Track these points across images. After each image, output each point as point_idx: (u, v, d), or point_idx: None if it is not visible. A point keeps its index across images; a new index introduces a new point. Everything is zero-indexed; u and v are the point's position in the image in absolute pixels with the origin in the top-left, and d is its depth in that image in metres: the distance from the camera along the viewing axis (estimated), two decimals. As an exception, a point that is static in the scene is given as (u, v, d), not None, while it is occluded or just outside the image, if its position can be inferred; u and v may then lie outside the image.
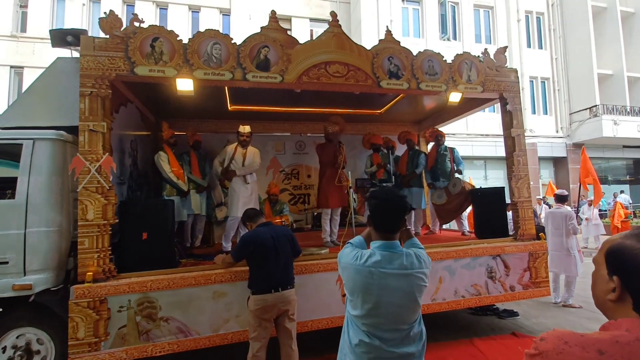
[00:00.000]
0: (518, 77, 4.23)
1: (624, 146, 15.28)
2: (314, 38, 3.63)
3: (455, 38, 14.12)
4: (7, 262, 2.70)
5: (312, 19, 13.68)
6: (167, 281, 2.90)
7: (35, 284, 2.72)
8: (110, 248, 2.87)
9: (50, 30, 3.68)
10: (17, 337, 2.80)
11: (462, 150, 5.98)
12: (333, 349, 1.46)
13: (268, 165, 5.96)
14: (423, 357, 1.42)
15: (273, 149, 6.03)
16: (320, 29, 3.67)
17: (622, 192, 14.21)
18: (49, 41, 3.64)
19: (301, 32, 12.84)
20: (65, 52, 3.74)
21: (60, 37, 3.57)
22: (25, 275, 2.72)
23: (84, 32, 3.32)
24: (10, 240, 2.72)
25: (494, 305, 4.51)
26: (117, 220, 2.96)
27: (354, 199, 4.28)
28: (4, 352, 2.76)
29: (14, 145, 2.86)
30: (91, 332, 2.71)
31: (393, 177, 5.30)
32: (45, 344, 2.85)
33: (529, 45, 14.96)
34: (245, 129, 4.21)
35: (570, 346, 0.67)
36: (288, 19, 13.34)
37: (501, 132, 4.34)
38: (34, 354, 2.82)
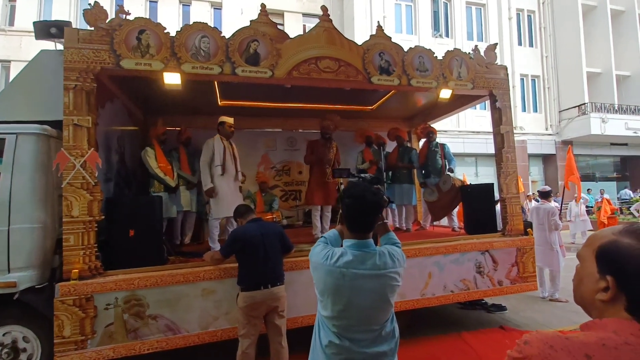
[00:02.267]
0: (508, 74, 4.26)
1: (612, 144, 15.55)
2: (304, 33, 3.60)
3: (447, 35, 14.17)
4: (-10, 260, 2.65)
5: (304, 14, 13.59)
6: (155, 279, 2.87)
7: (19, 281, 2.67)
8: (96, 245, 2.82)
9: (33, 23, 3.58)
10: (2, 335, 2.75)
11: (453, 147, 6.02)
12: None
13: (259, 161, 5.93)
14: (396, 355, 1.40)
15: (264, 145, 5.99)
16: (313, 24, 3.64)
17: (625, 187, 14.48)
18: (36, 34, 3.55)
19: (293, 27, 12.75)
20: (51, 45, 3.64)
21: (44, 30, 3.47)
22: (9, 272, 2.67)
23: (68, 24, 3.24)
24: (-7, 237, 2.66)
25: (483, 300, 4.57)
26: (103, 217, 2.91)
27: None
28: (-11, 349, 2.71)
29: (-4, 140, 2.79)
30: (77, 330, 2.67)
31: (384, 173, 5.32)
32: (31, 342, 2.81)
33: (519, 43, 15.09)
34: (231, 119, 4.05)
35: (556, 350, 0.64)
36: (280, 14, 13.23)
37: (491, 130, 4.37)
38: (20, 352, 2.78)
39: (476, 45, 4.30)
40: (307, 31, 3.58)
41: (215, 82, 4.08)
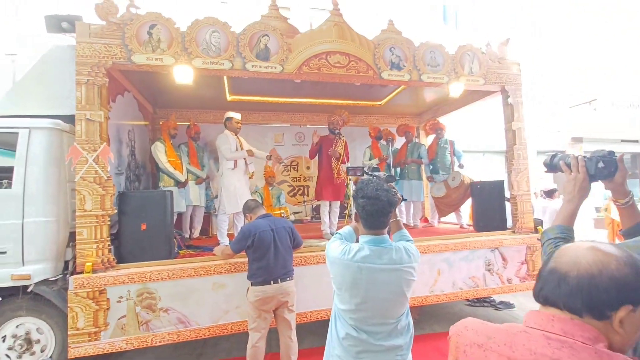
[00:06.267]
0: (520, 69, 4.19)
1: (622, 140, 15.28)
2: (313, 27, 3.56)
3: (456, 28, 13.96)
4: (5, 252, 2.69)
5: (312, 8, 13.45)
6: (167, 272, 2.90)
7: (33, 274, 2.72)
8: (109, 239, 2.86)
9: (45, 16, 3.59)
10: (16, 327, 2.80)
11: (462, 143, 5.95)
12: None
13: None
14: (410, 349, 1.42)
15: (272, 140, 5.98)
16: (321, 18, 3.58)
17: None
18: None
19: (301, 21, 12.63)
20: (62, 40, 3.65)
21: (55, 23, 3.48)
22: (23, 265, 2.71)
23: (79, 18, 3.24)
24: (8, 230, 2.71)
25: (491, 297, 4.56)
26: (115, 211, 2.94)
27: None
28: (4, 341, 2.77)
29: (10, 135, 2.82)
30: (91, 322, 2.71)
31: (392, 169, 5.28)
32: (45, 334, 2.86)
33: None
34: (238, 115, 4.05)
35: (467, 330, 0.75)
36: (287, 8, 13.10)
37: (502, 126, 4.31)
38: (33, 343, 2.84)
39: (488, 40, 4.22)
40: (315, 26, 3.55)
41: (225, 77, 4.07)
